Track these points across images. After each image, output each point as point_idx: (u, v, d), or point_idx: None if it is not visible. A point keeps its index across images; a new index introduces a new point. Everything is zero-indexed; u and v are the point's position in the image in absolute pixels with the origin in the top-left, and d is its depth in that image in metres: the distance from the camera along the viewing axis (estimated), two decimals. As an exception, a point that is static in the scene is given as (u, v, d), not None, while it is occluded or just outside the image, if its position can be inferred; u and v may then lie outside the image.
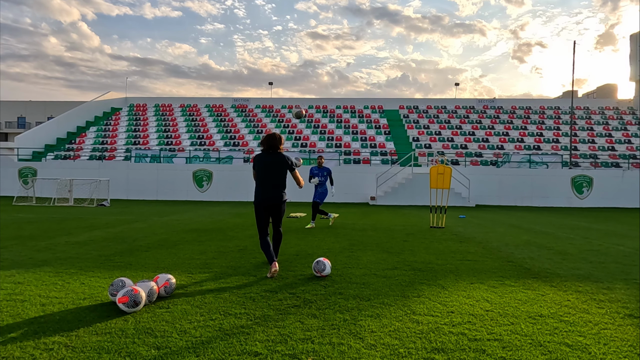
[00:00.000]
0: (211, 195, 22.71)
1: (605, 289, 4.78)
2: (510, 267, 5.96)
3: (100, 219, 12.03)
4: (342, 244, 7.97)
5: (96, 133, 29.83)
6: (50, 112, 58.39)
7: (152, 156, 24.97)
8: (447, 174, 11.16)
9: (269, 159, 5.31)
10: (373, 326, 3.48)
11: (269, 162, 5.30)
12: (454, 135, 28.92)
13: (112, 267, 5.68)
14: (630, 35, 34.26)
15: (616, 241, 8.87)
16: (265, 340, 3.16)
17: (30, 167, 23.41)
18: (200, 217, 13.17)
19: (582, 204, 21.97)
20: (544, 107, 32.90)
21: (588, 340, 3.25)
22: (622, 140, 27.97)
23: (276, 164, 5.29)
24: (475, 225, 11.82)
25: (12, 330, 3.32)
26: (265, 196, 5.28)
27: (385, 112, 32.57)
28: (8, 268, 5.51)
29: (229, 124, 31.15)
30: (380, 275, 5.36)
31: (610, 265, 6.19)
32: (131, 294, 3.73)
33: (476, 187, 21.61)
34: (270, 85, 38.68)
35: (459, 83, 62.73)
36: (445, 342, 3.16)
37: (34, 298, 4.19)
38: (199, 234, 9.17)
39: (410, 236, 9.17)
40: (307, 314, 3.78)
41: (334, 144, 27.68)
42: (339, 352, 2.96)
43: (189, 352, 2.94)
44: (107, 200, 18.61)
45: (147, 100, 35.79)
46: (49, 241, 7.85)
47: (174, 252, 6.85)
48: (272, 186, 5.28)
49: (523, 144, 27.50)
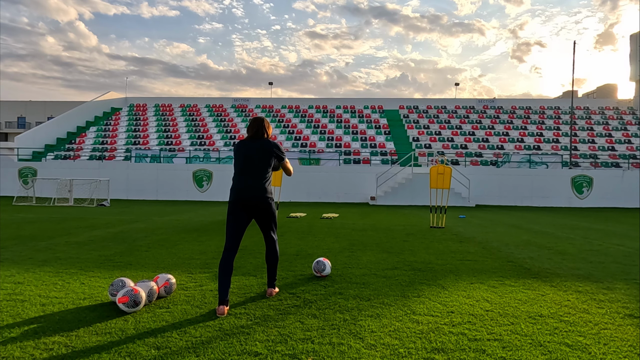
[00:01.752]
0: (211, 195, 22.70)
1: (605, 289, 4.78)
2: (510, 267, 5.96)
3: (100, 219, 12.03)
4: (342, 244, 7.97)
5: (96, 133, 29.83)
6: (50, 112, 58.40)
7: (152, 156, 24.97)
8: (447, 174, 11.16)
9: (252, 147, 4.24)
10: (373, 326, 3.48)
11: (252, 150, 4.22)
12: (454, 135, 28.92)
13: (112, 267, 5.67)
14: (630, 35, 34.28)
15: (616, 241, 8.87)
16: (265, 340, 3.16)
17: (30, 167, 23.41)
18: (200, 217, 13.17)
19: (582, 204, 21.97)
20: (544, 107, 32.91)
21: (588, 340, 3.24)
22: (622, 140, 27.97)
23: (260, 153, 4.20)
24: (475, 225, 11.82)
25: (12, 330, 3.32)
26: (243, 193, 4.12)
27: (385, 112, 32.58)
28: (8, 268, 5.51)
29: (229, 124, 31.15)
30: (380, 275, 5.36)
31: (610, 265, 6.19)
32: (131, 294, 3.73)
33: (476, 187, 21.62)
34: (270, 85, 38.69)
35: (458, 83, 62.69)
36: (445, 342, 3.16)
37: (34, 298, 4.19)
38: (199, 234, 9.17)
39: (410, 236, 9.17)
40: (307, 314, 3.78)
41: (334, 144, 27.68)
42: (339, 352, 2.96)
43: (189, 352, 2.94)
44: (107, 200, 18.61)
45: (147, 100, 35.80)
46: (49, 241, 7.85)
47: (174, 252, 6.85)
48: (252, 180, 4.14)
49: (523, 144, 27.50)
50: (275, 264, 4.44)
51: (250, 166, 4.18)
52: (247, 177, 4.15)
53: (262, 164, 4.19)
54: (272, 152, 4.23)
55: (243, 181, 4.15)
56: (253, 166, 4.17)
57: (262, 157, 4.19)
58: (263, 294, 4.42)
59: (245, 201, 4.12)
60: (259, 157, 4.18)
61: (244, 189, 4.13)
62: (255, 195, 4.12)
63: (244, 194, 4.12)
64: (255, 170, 4.16)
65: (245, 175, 4.16)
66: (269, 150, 4.22)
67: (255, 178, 4.15)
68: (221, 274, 3.95)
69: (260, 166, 4.18)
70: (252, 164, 4.17)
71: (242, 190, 4.13)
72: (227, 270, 3.97)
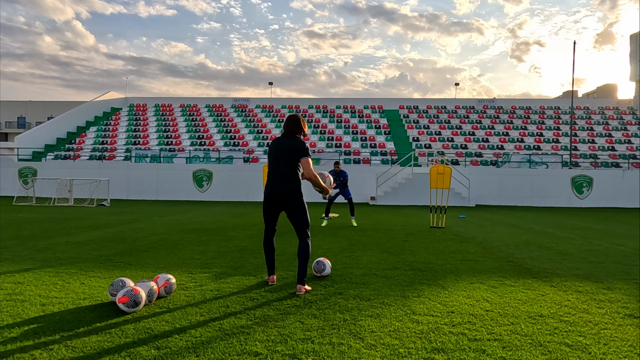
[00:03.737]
0: (211, 195, 22.70)
1: (605, 289, 4.78)
2: (510, 267, 5.96)
3: (100, 219, 12.03)
4: (342, 244, 7.97)
5: (96, 133, 29.83)
6: (50, 112, 58.41)
7: (152, 156, 24.97)
8: (447, 174, 11.16)
9: (282, 145, 4.45)
10: (373, 326, 3.48)
11: (282, 148, 4.44)
12: (454, 135, 28.93)
13: (112, 267, 5.67)
14: (630, 35, 34.28)
15: (616, 241, 8.87)
16: (265, 340, 3.16)
17: (30, 167, 23.42)
18: (200, 217, 13.17)
19: (582, 204, 21.97)
20: (544, 107, 32.91)
21: (588, 340, 3.24)
22: (622, 140, 27.97)
23: (289, 151, 4.40)
24: (475, 225, 11.82)
25: (12, 330, 3.31)
26: (272, 190, 4.44)
27: (385, 112, 32.58)
28: (8, 268, 5.51)
29: (229, 124, 31.15)
30: (380, 275, 5.36)
31: (610, 265, 6.19)
32: (131, 294, 3.73)
33: (476, 187, 21.62)
34: (270, 85, 38.69)
35: (458, 83, 62.76)
36: (445, 342, 3.16)
37: (34, 298, 4.19)
38: (199, 234, 9.17)
39: (410, 236, 9.17)
40: (307, 314, 3.78)
41: (334, 144, 27.68)
42: (339, 352, 2.96)
43: (189, 352, 2.94)
44: (107, 200, 18.61)
45: (147, 100, 35.80)
46: (49, 241, 7.84)
47: (174, 252, 6.84)
48: (280, 177, 4.42)
49: (523, 144, 27.50)
50: (304, 259, 4.46)
51: (278, 165, 4.45)
52: (276, 176, 4.47)
53: (290, 162, 4.42)
54: (299, 150, 4.42)
55: (272, 180, 4.48)
56: (281, 165, 4.43)
57: (290, 155, 4.42)
58: (263, 294, 4.42)
59: (272, 198, 4.49)
60: (287, 155, 4.42)
61: (272, 186, 4.47)
62: (281, 195, 4.44)
63: (271, 192, 4.48)
64: (282, 168, 4.43)
65: (274, 174, 4.48)
66: (298, 148, 4.42)
67: (282, 177, 4.44)
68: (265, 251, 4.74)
69: (287, 165, 4.42)
70: (280, 163, 4.44)
71: (271, 189, 4.47)
72: (269, 247, 4.72)
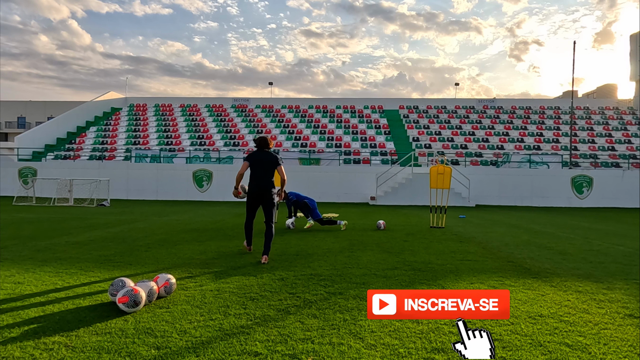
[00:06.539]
0: (211, 195, 22.69)
1: (605, 289, 4.78)
2: (510, 267, 5.96)
3: (100, 219, 12.03)
4: (342, 244, 7.97)
5: (96, 133, 29.82)
6: (50, 112, 58.37)
7: (152, 156, 24.96)
8: (447, 174, 11.16)
9: (261, 157, 6.26)
10: (373, 326, 3.48)
11: (261, 159, 6.25)
12: (454, 135, 28.92)
13: (112, 267, 5.67)
14: (630, 35, 34.27)
15: (616, 241, 8.87)
16: (265, 340, 3.16)
17: (30, 167, 23.41)
18: (200, 217, 13.17)
19: (582, 204, 21.97)
20: (544, 107, 32.90)
21: (588, 340, 3.25)
22: (622, 140, 27.97)
23: (266, 161, 6.26)
24: (475, 225, 11.82)
25: (12, 330, 3.32)
26: (256, 188, 6.22)
27: (385, 112, 32.57)
28: (8, 268, 5.51)
29: (229, 124, 31.15)
30: (380, 275, 5.36)
31: (610, 265, 6.19)
32: (131, 294, 3.73)
33: (476, 187, 21.60)
34: (270, 85, 38.68)
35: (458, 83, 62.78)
36: (445, 342, 3.16)
37: (34, 298, 4.19)
38: (199, 234, 9.17)
39: (410, 236, 9.17)
40: (307, 314, 3.78)
41: (334, 144, 27.68)
42: (339, 352, 2.96)
43: (189, 352, 2.94)
44: (107, 200, 18.61)
45: (147, 100, 35.80)
46: (49, 241, 7.84)
47: (174, 252, 6.85)
48: (262, 178, 6.20)
49: (523, 144, 27.49)
50: (268, 240, 6.23)
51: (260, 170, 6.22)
52: (259, 178, 6.22)
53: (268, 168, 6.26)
54: (275, 162, 6.27)
55: (256, 180, 6.22)
56: (262, 170, 6.22)
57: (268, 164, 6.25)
58: (263, 294, 4.42)
59: (256, 191, 6.23)
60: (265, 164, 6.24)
61: (256, 185, 6.22)
62: (263, 189, 6.22)
63: (255, 189, 6.23)
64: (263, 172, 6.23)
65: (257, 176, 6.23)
66: (274, 160, 6.29)
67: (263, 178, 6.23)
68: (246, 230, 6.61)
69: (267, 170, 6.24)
70: (261, 169, 6.22)
71: (256, 186, 6.22)
72: (249, 228, 6.57)
